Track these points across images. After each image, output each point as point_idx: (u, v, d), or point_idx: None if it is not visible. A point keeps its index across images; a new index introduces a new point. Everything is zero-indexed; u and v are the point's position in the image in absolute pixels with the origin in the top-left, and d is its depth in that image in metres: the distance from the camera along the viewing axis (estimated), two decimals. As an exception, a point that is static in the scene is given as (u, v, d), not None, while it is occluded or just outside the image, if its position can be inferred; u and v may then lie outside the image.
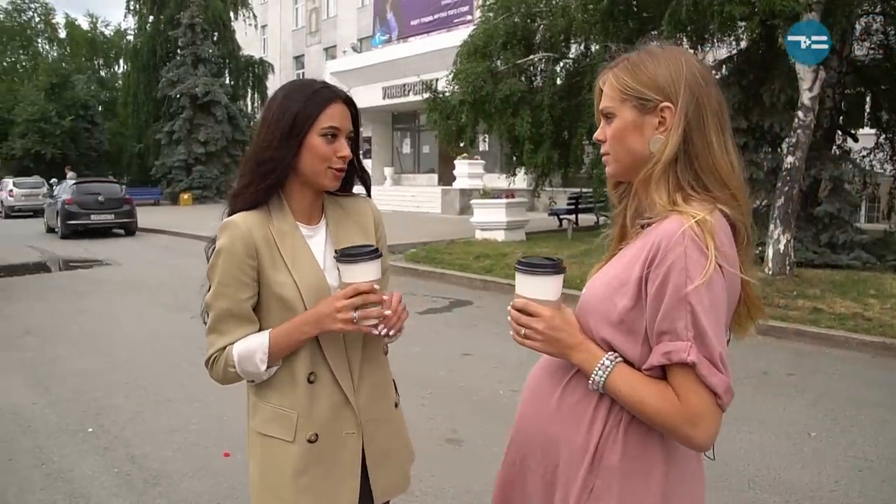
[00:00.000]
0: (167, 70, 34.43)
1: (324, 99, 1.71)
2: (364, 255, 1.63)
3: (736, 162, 1.36)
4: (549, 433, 1.42)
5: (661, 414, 1.27)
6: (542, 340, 1.38)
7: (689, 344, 1.23)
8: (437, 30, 26.67)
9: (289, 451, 1.72)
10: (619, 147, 1.40)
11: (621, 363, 1.32)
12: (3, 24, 39.62)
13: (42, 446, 4.44)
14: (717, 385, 1.24)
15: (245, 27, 37.40)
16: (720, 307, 1.26)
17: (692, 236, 1.24)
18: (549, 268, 1.40)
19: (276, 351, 1.68)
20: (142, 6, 36.29)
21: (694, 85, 1.34)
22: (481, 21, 13.71)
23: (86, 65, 40.31)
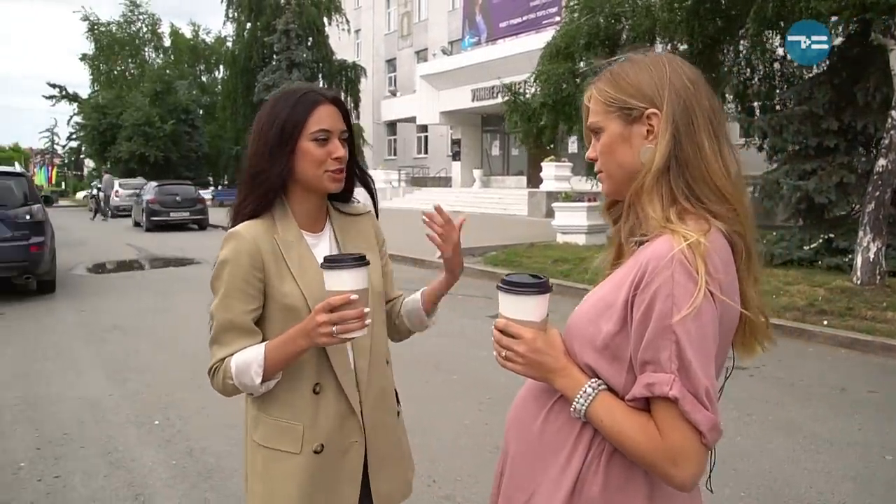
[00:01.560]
0: (263, 75, 35.54)
1: (309, 103, 1.71)
2: (348, 263, 1.57)
3: (733, 167, 1.27)
4: (530, 459, 1.36)
5: (640, 449, 1.19)
6: (523, 363, 1.31)
7: (672, 377, 1.15)
8: (526, 31, 26.51)
9: (294, 463, 1.71)
10: (610, 162, 1.33)
11: (604, 391, 1.24)
12: (114, 35, 41.92)
13: (111, 436, 4.66)
14: (701, 422, 1.15)
15: (338, 32, 38.20)
16: (709, 338, 1.16)
17: (681, 260, 1.15)
18: (531, 287, 1.32)
19: (272, 364, 1.65)
20: (240, 14, 37.61)
21: (681, 88, 1.26)
22: (564, 22, 13.55)
23: (188, 71, 42.18)
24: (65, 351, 6.93)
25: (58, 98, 41.61)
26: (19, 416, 5.07)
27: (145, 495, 3.79)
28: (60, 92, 41.50)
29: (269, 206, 1.77)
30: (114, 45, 41.90)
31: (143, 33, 43.13)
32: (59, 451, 4.40)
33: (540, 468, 1.32)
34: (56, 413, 5.11)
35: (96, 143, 39.54)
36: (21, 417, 5.03)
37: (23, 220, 9.29)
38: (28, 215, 9.38)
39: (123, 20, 42.59)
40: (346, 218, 1.89)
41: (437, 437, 4.54)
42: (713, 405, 1.16)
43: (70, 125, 43.18)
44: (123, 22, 42.59)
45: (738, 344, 1.34)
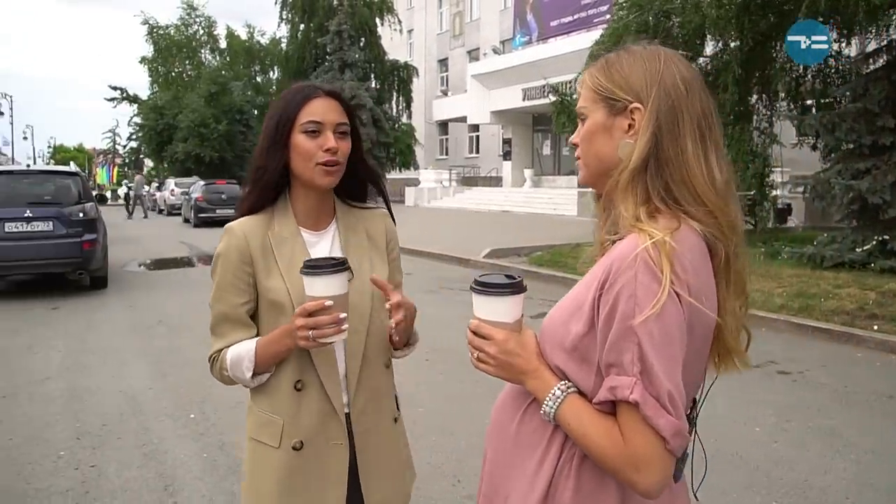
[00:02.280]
0: (316, 75, 35.90)
1: (302, 97, 1.71)
2: (324, 270, 1.56)
3: (718, 175, 1.22)
4: (507, 461, 1.34)
5: (605, 454, 1.16)
6: (494, 364, 1.29)
7: (633, 380, 1.11)
8: (577, 30, 26.26)
9: (274, 456, 1.73)
10: (588, 151, 1.30)
11: (574, 394, 1.21)
12: (172, 37, 42.99)
13: (147, 428, 4.77)
14: (664, 428, 1.11)
15: (391, 32, 38.45)
16: (674, 341, 1.12)
17: (645, 259, 1.11)
18: (503, 288, 1.29)
19: (262, 360, 1.68)
20: (293, 15, 38.12)
21: (671, 87, 1.21)
22: (612, 21, 13.39)
23: (243, 72, 42.92)
24: (111, 345, 7.13)
25: (119, 100, 42.85)
26: (63, 406, 5.23)
27: (174, 486, 3.87)
28: (121, 94, 42.73)
29: (268, 201, 1.79)
30: (171, 47, 42.98)
31: (199, 35, 44.13)
32: (97, 441, 4.53)
33: (515, 471, 1.30)
34: (97, 404, 5.26)
35: (154, 143, 40.62)
36: (65, 408, 5.20)
37: (76, 218, 9.61)
38: (81, 213, 9.69)
39: (181, 23, 43.68)
40: (356, 216, 1.87)
41: (463, 436, 4.53)
42: (677, 410, 1.12)
43: (130, 126, 44.43)
44: (181, 25, 43.66)
45: (714, 355, 1.29)
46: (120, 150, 53.97)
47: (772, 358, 6.31)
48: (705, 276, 1.19)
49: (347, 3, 36.51)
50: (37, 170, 11.37)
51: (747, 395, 5.30)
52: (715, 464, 4.04)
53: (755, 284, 8.84)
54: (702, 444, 1.47)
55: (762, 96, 12.73)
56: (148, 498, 3.76)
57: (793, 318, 7.43)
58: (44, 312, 8.84)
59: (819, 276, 9.02)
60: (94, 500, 3.73)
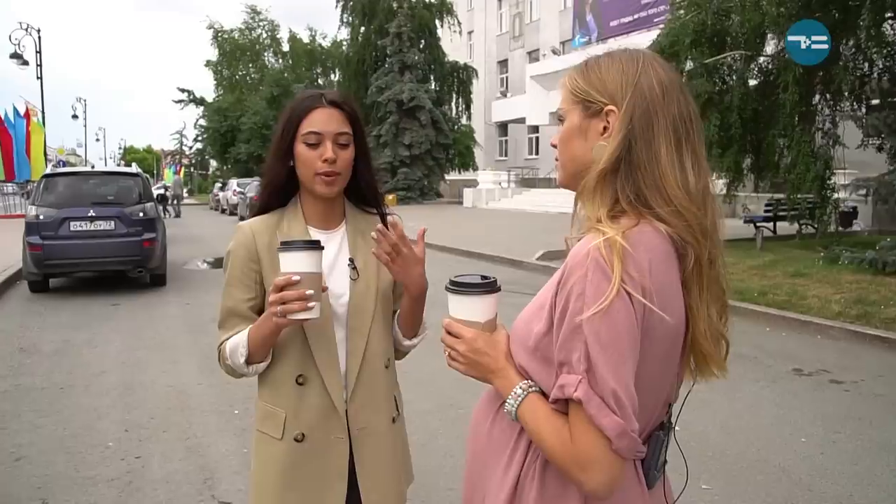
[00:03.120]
0: (376, 77, 36.37)
1: (304, 108, 1.75)
2: (295, 246, 1.61)
3: (693, 180, 1.20)
4: (481, 460, 1.35)
5: (554, 453, 1.16)
6: (463, 363, 1.32)
7: (579, 378, 1.11)
8: (637, 30, 25.91)
9: (277, 447, 1.79)
10: (565, 152, 1.30)
11: (534, 393, 1.22)
12: (237, 41, 43.97)
13: (192, 422, 4.91)
14: (607, 427, 1.09)
15: (450, 34, 38.60)
16: (622, 340, 1.10)
17: (597, 258, 1.11)
18: (475, 287, 1.32)
19: (253, 344, 1.72)
20: (353, 18, 38.62)
21: (647, 90, 1.21)
22: (669, 20, 13.18)
23: (305, 74, 43.60)
24: (165, 341, 7.35)
25: (185, 102, 44.07)
26: (116, 399, 5.43)
27: (213, 480, 3.98)
28: (188, 96, 43.93)
29: (277, 202, 1.85)
30: (235, 51, 43.96)
31: (262, 39, 45.01)
32: (144, 434, 4.69)
33: (488, 471, 1.31)
34: (147, 399, 5.44)
35: (218, 144, 41.60)
36: (117, 401, 5.39)
37: (137, 218, 9.95)
38: (142, 213, 10.03)
39: (245, 27, 44.62)
40: (367, 220, 1.90)
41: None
42: (623, 410, 1.10)
43: (195, 128, 45.65)
44: (245, 29, 44.61)
45: (689, 361, 1.27)
46: (186, 150, 55.48)
47: (824, 367, 6.13)
48: (667, 280, 1.17)
49: (407, 5, 36.81)
50: (100, 171, 11.81)
51: (795, 405, 5.16)
52: (755, 475, 3.99)
53: (812, 290, 8.59)
54: (682, 452, 1.45)
55: (825, 96, 12.34)
56: (187, 490, 3.87)
57: (850, 326, 7.19)
58: (104, 309, 9.17)
59: (880, 282, 8.70)
60: (137, 490, 3.86)
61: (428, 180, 37.11)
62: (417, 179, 36.24)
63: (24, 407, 5.25)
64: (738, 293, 8.77)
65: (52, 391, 5.63)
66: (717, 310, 1.26)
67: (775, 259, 10.81)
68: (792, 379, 5.85)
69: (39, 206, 9.83)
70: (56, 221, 9.61)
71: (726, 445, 4.40)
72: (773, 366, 6.21)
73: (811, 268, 9.84)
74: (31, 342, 7.31)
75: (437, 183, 38.38)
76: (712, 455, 4.26)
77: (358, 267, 1.82)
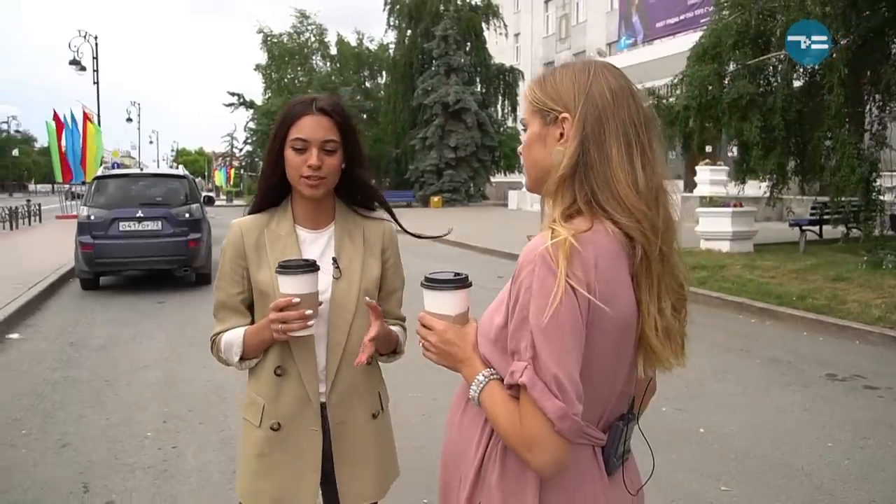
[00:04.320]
0: (422, 80, 36.63)
1: (294, 114, 1.86)
2: (293, 270, 1.73)
3: (642, 179, 1.27)
4: (453, 448, 1.44)
5: (507, 435, 1.26)
6: (435, 352, 1.42)
7: (525, 365, 1.20)
8: (684, 31, 25.58)
9: (255, 434, 1.91)
10: (528, 158, 1.39)
11: (494, 381, 1.31)
12: (285, 45, 44.61)
13: (227, 415, 5.09)
14: (549, 410, 1.18)
15: (496, 36, 38.65)
16: (564, 330, 1.19)
17: (544, 255, 1.20)
18: (446, 283, 1.43)
19: (249, 347, 1.87)
20: (400, 21, 38.94)
21: (598, 97, 1.29)
22: (712, 22, 13.05)
23: (352, 77, 43.97)
24: (207, 337, 7.51)
25: (236, 105, 44.85)
26: (156, 392, 5.65)
27: (244, 470, 4.14)
28: (238, 99, 44.72)
29: (271, 201, 1.97)
30: (284, 54, 44.55)
31: (311, 43, 45.47)
32: (181, 426, 4.88)
33: (459, 452, 1.41)
34: (186, 392, 5.65)
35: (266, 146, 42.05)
36: (157, 394, 5.61)
37: (183, 218, 10.28)
38: (187, 214, 10.36)
39: (293, 31, 45.20)
40: (356, 222, 2.00)
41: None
42: (565, 395, 1.18)
43: (245, 130, 46.39)
44: (293, 33, 45.18)
45: (641, 354, 1.33)
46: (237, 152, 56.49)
47: (859, 372, 6.05)
48: (614, 276, 1.25)
49: (454, 7, 36.98)
50: (148, 173, 12.22)
51: (825, 409, 5.12)
52: (776, 478, 3.99)
53: (852, 294, 8.45)
54: (647, 442, 1.51)
55: (873, 97, 12.08)
56: (218, 479, 4.04)
57: (889, 332, 7.05)
58: (150, 306, 9.50)
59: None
60: (172, 478, 4.05)
61: (473, 182, 37.24)
62: (463, 181, 36.40)
63: (71, 398, 5.51)
64: (777, 297, 8.68)
65: (97, 383, 5.88)
66: (673, 303, 1.32)
67: (817, 263, 10.63)
68: (824, 384, 5.79)
69: (91, 206, 10.24)
70: (106, 222, 10.00)
71: (750, 448, 4.40)
72: (806, 370, 6.16)
73: (853, 272, 9.65)
74: (81, 337, 7.64)
75: (483, 185, 38.43)
76: (734, 457, 4.27)
77: (341, 266, 1.91)
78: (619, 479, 1.38)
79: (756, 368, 6.24)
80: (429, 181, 36.65)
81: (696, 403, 5.26)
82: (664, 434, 4.60)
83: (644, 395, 1.46)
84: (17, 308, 8.55)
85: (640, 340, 1.31)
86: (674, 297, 1.33)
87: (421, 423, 4.63)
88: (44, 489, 3.92)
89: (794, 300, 8.46)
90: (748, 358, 6.60)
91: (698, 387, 5.67)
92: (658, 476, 1.57)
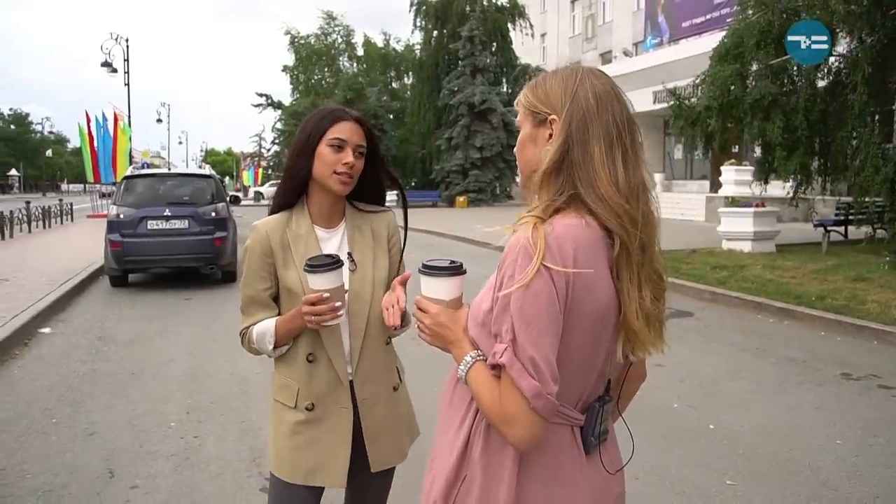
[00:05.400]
0: (448, 80, 36.75)
1: (334, 117, 2.05)
2: (321, 268, 1.90)
3: (623, 177, 1.36)
4: (443, 424, 1.54)
5: (488, 411, 1.36)
6: (429, 334, 1.53)
7: (504, 346, 1.30)
8: (710, 30, 25.44)
9: (290, 414, 2.08)
10: (521, 159, 1.49)
11: (480, 362, 1.40)
12: (313, 46, 45.02)
13: (249, 407, 5.26)
14: (525, 388, 1.27)
15: (522, 37, 38.68)
16: (541, 313, 1.28)
17: (525, 245, 1.29)
18: (441, 270, 1.54)
19: (281, 335, 2.05)
20: (427, 22, 39.12)
21: (583, 99, 1.38)
22: (736, 21, 13.02)
23: (379, 78, 44.24)
24: (231, 333, 7.63)
25: (263, 106, 45.36)
26: (181, 385, 5.83)
27: (262, 459, 4.28)
28: (266, 100, 45.21)
29: (294, 200, 2.13)
30: (311, 55, 44.97)
31: (338, 44, 45.88)
32: (204, 416, 5.05)
33: (449, 426, 1.51)
34: (210, 385, 5.83)
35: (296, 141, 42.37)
36: (182, 387, 5.79)
37: (209, 217, 10.50)
38: (213, 212, 10.58)
39: (320, 32, 45.61)
40: (363, 218, 2.19)
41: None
42: (541, 375, 1.27)
43: (273, 131, 46.88)
44: (320, 34, 45.58)
45: (621, 338, 1.41)
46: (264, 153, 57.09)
47: (875, 372, 6.05)
48: (592, 265, 1.33)
49: (480, 8, 37.05)
50: (176, 173, 12.49)
51: (837, 408, 5.15)
52: (782, 473, 4.05)
53: (872, 295, 8.43)
54: (627, 425, 1.61)
55: (899, 96, 12.00)
56: (237, 466, 4.20)
57: (908, 332, 7.05)
58: (177, 302, 9.73)
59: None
60: (192, 466, 4.21)
61: (499, 182, 37.28)
62: (489, 182, 36.46)
63: (100, 389, 5.71)
64: (796, 297, 8.67)
65: (124, 376, 6.08)
66: (651, 292, 1.42)
67: (839, 263, 10.59)
68: (839, 383, 5.81)
69: (120, 205, 10.50)
70: (135, 220, 10.25)
71: (759, 444, 4.46)
72: (821, 369, 6.18)
73: (874, 272, 9.61)
74: (109, 332, 7.86)
75: (509, 185, 38.45)
76: (742, 453, 4.32)
77: (356, 259, 2.11)
78: (596, 459, 1.47)
79: (771, 368, 6.27)
80: (454, 181, 36.78)
81: (709, 401, 5.32)
82: (674, 430, 4.68)
83: (624, 379, 1.53)
84: (48, 304, 8.80)
85: (621, 325, 1.39)
86: (653, 287, 1.42)
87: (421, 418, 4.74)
88: (73, 474, 4.10)
89: (813, 300, 8.45)
90: (764, 357, 6.62)
91: (712, 385, 5.73)
92: (665, 470, 1.68)
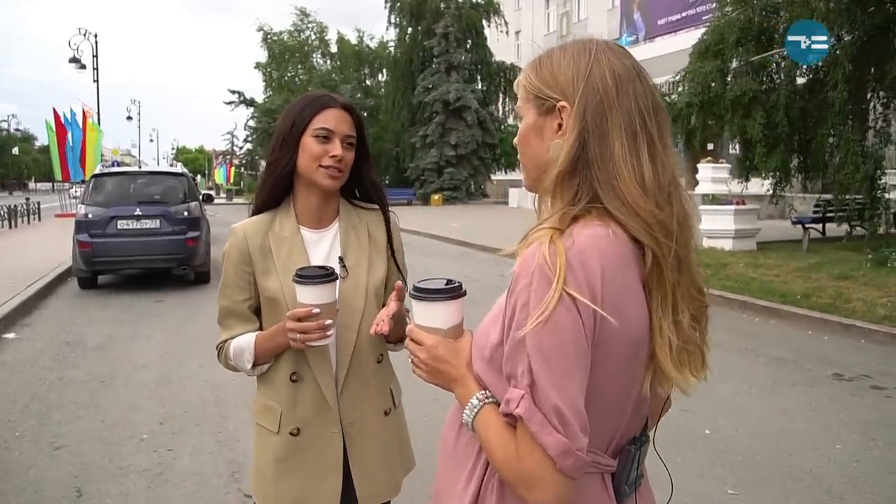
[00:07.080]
0: (423, 78, 36.57)
1: (319, 104, 1.81)
2: (313, 280, 1.67)
3: (650, 175, 1.10)
4: (446, 471, 1.29)
5: (502, 469, 1.11)
6: (425, 370, 1.26)
7: (522, 393, 1.04)
8: (686, 28, 25.48)
9: (273, 440, 1.86)
10: (525, 154, 1.22)
11: (490, 405, 1.15)
12: (286, 43, 44.54)
13: (225, 416, 5.02)
14: (549, 446, 1.02)
15: (497, 34, 38.58)
16: (566, 352, 1.02)
17: (542, 265, 1.03)
18: (436, 293, 1.26)
19: (261, 353, 1.81)
20: (401, 19, 38.87)
21: (599, 81, 1.12)
22: (715, 19, 12.98)
23: (353, 75, 43.86)
24: (205, 337, 7.49)
25: (236, 103, 44.74)
26: (153, 393, 5.58)
27: (241, 473, 4.05)
28: (238, 97, 44.62)
29: (278, 198, 1.89)
30: (285, 52, 44.45)
31: (311, 41, 45.38)
32: (177, 427, 4.81)
33: (452, 481, 1.26)
34: (183, 392, 5.57)
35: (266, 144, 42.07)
36: (154, 394, 5.54)
37: (181, 217, 10.21)
38: (186, 212, 10.28)
39: (294, 29, 45.10)
40: (360, 216, 1.94)
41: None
42: (567, 428, 1.03)
43: (245, 128, 46.27)
44: (294, 31, 45.10)
45: (650, 373, 1.17)
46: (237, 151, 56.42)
47: (866, 372, 5.96)
48: (624, 285, 1.09)
49: (454, 5, 36.91)
50: (147, 171, 12.14)
51: (832, 410, 5.04)
52: (784, 481, 3.91)
53: (857, 293, 8.38)
54: (665, 466, 1.41)
55: (878, 93, 12.00)
56: (215, 482, 3.96)
57: (895, 330, 6.98)
58: (149, 305, 9.42)
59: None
60: (167, 482, 3.97)
61: (474, 180, 37.19)
62: (463, 179, 36.35)
63: (67, 398, 5.43)
64: (781, 296, 8.60)
65: (93, 384, 5.80)
66: (692, 312, 1.17)
67: (821, 261, 10.55)
68: (831, 384, 5.71)
69: (89, 205, 10.15)
70: (104, 220, 9.91)
71: (757, 450, 4.32)
72: (812, 370, 6.07)
73: (858, 270, 9.57)
74: (77, 336, 7.56)
75: (483, 183, 38.35)
76: (741, 460, 4.19)
77: (348, 265, 1.86)
78: None
79: (761, 368, 6.16)
80: (429, 179, 36.60)
81: (701, 404, 5.17)
82: (669, 436, 4.51)
83: (661, 414, 1.32)
84: (13, 307, 8.47)
85: (650, 359, 1.15)
86: (693, 306, 1.17)
87: (421, 425, 4.54)
88: (37, 493, 3.84)
89: (798, 299, 8.38)
90: (752, 357, 6.51)
91: (703, 387, 5.49)
92: (664, 480, 1.48)
